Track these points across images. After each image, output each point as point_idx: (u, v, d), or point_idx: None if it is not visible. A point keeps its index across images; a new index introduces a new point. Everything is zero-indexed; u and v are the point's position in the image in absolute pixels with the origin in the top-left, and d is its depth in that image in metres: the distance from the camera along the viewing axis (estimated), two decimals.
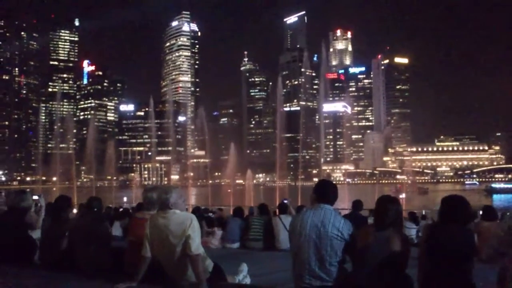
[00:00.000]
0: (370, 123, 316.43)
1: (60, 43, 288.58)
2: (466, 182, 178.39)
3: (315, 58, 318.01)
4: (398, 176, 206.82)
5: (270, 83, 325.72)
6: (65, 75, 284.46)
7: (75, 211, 15.75)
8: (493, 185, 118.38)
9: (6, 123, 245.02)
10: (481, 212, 10.25)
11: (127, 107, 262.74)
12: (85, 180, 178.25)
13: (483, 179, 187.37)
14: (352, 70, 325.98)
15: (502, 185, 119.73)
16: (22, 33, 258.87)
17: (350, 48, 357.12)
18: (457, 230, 4.27)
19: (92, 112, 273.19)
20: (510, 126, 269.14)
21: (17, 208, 6.99)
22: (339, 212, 5.20)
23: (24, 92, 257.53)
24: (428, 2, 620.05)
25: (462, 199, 4.49)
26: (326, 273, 4.51)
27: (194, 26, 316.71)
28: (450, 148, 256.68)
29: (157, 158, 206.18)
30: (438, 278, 4.21)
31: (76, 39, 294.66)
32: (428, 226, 4.76)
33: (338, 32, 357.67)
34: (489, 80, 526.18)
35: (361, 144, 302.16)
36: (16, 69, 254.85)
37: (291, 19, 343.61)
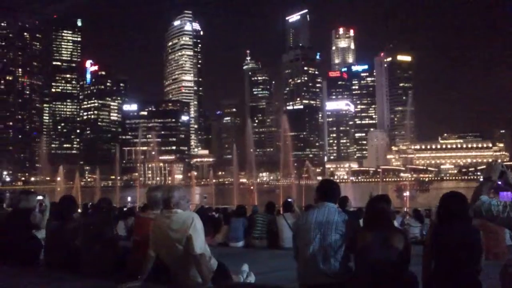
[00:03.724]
0: (373, 121, 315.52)
1: (63, 43, 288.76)
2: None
3: (317, 57, 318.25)
4: (402, 174, 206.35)
5: (273, 82, 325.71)
6: (68, 75, 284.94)
7: (79, 211, 15.84)
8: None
9: (10, 123, 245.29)
10: None
11: (130, 107, 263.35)
12: (89, 180, 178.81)
13: None
14: (355, 68, 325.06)
15: None
16: (25, 34, 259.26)
17: (352, 46, 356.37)
18: (462, 228, 4.20)
19: (96, 112, 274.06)
20: None
21: (22, 208, 7.02)
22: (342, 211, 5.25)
23: (28, 92, 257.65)
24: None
25: (461, 196, 4.45)
26: (330, 269, 4.52)
27: (196, 25, 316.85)
28: (454, 146, 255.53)
29: (161, 157, 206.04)
30: (442, 276, 4.14)
31: (78, 39, 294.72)
32: (433, 224, 4.72)
33: (341, 30, 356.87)
34: (492, 77, 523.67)
35: (365, 142, 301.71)
36: (19, 69, 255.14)
37: (294, 18, 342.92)
